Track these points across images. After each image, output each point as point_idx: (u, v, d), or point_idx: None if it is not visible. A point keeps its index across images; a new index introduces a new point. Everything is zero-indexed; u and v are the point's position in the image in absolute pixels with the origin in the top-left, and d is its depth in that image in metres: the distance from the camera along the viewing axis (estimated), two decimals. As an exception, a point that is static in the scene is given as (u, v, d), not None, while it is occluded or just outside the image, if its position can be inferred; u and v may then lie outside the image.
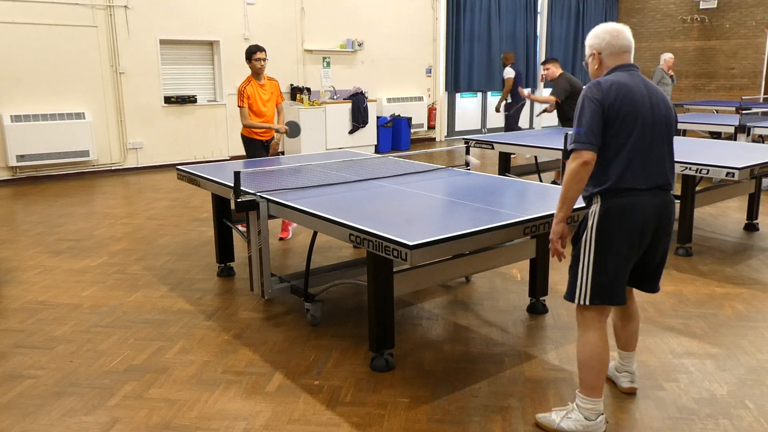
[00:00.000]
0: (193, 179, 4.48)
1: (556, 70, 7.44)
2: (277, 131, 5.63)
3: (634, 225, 2.49)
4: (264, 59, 5.58)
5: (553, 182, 6.65)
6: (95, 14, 8.88)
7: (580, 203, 3.29)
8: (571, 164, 2.46)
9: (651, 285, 2.72)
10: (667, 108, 2.58)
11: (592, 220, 2.54)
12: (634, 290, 2.87)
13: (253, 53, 5.57)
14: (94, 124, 8.95)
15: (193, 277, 4.69)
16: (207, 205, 6.92)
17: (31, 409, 2.88)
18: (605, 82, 2.49)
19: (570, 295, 2.64)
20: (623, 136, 2.47)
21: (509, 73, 10.05)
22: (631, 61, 2.63)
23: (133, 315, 3.97)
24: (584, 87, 2.59)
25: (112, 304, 4.16)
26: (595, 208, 2.53)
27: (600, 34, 2.62)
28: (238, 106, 5.58)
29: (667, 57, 10.32)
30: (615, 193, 2.49)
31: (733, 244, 5.41)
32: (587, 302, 2.56)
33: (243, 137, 5.76)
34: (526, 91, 8.42)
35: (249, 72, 5.67)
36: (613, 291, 2.54)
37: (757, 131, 7.57)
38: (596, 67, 2.65)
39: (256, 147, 5.70)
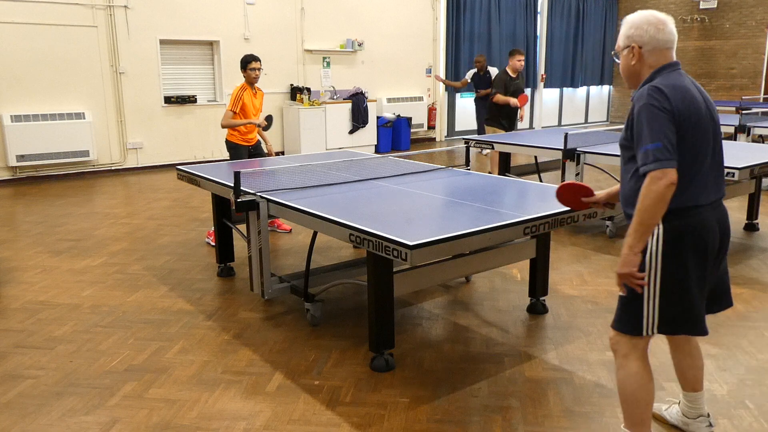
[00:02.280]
0: (193, 179, 4.48)
1: (520, 63, 7.80)
2: (258, 125, 5.60)
3: (705, 245, 2.21)
4: (259, 69, 5.59)
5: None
6: (95, 14, 8.88)
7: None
8: (654, 186, 2.07)
9: (725, 301, 2.43)
10: (715, 111, 2.32)
11: (656, 244, 2.19)
12: None
13: (248, 62, 5.56)
14: (94, 124, 8.95)
15: (193, 277, 4.69)
16: (207, 205, 6.92)
17: (31, 409, 2.88)
18: (667, 88, 2.16)
19: (633, 328, 2.28)
20: (690, 148, 2.17)
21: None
22: (674, 57, 2.31)
23: (133, 315, 3.97)
24: (636, 96, 2.23)
25: (112, 304, 4.16)
26: (657, 230, 2.19)
27: (642, 24, 2.26)
28: (230, 110, 5.53)
29: None
30: (682, 212, 2.19)
31: (733, 244, 5.41)
32: (654, 331, 2.26)
33: (228, 143, 5.69)
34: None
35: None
36: (693, 319, 2.25)
37: (757, 131, 7.57)
38: (633, 62, 2.29)
39: (242, 154, 5.67)
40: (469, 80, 10.51)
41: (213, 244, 5.38)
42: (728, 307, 2.43)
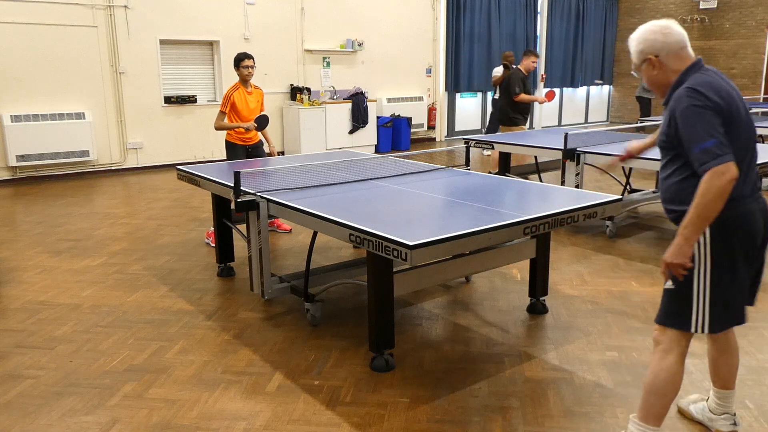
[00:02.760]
0: (193, 179, 4.48)
1: (533, 64, 7.82)
2: (247, 129, 5.54)
3: (751, 236, 2.25)
4: (252, 67, 5.55)
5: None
6: (95, 14, 8.88)
7: (593, 200, 3.29)
8: (717, 181, 2.08)
9: (750, 299, 2.43)
10: (746, 105, 2.34)
11: (705, 237, 2.22)
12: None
13: (241, 60, 5.53)
14: (94, 124, 8.95)
15: (193, 277, 4.69)
16: (207, 205, 6.92)
17: (31, 409, 2.88)
18: (702, 86, 2.17)
19: (681, 323, 2.29)
20: (735, 140, 2.19)
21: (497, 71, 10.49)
22: (692, 54, 2.33)
23: (133, 315, 3.97)
24: (674, 98, 2.25)
25: (112, 304, 4.16)
26: None
27: (648, 37, 2.31)
28: (220, 110, 5.51)
29: None
30: (729, 203, 2.17)
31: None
32: (707, 329, 2.27)
33: (226, 142, 5.68)
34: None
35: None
36: (737, 311, 2.30)
37: (758, 131, 7.57)
38: (656, 72, 2.32)
39: (238, 153, 5.65)
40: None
41: (213, 244, 5.38)
42: (751, 305, 2.42)
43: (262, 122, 5.59)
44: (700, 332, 2.27)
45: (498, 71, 10.49)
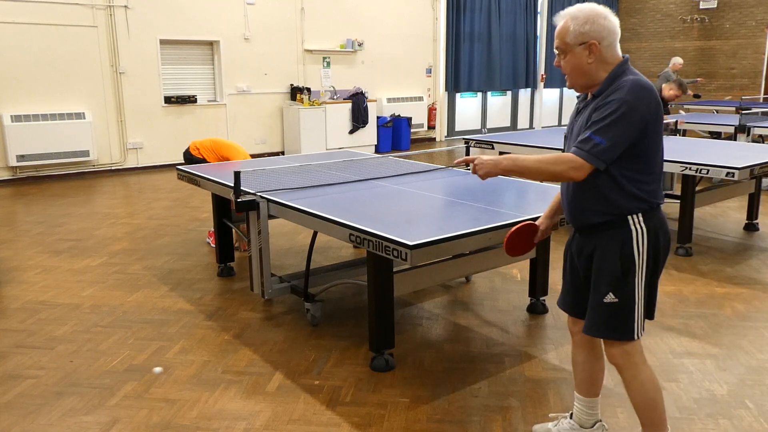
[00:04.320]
0: (193, 179, 4.48)
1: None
2: None
3: (668, 240, 2.23)
4: None
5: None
6: (95, 14, 8.88)
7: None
8: (568, 171, 2.07)
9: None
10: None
11: (641, 243, 2.15)
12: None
13: None
14: (94, 124, 8.95)
15: (193, 277, 4.69)
16: (207, 205, 6.92)
17: (31, 409, 2.88)
18: (648, 88, 2.07)
19: (625, 333, 2.21)
20: (659, 145, 2.14)
21: None
22: None
23: (133, 315, 3.97)
24: (614, 88, 2.11)
25: (112, 304, 4.16)
26: (639, 228, 2.15)
27: (594, 18, 2.10)
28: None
29: (677, 61, 10.48)
30: (655, 210, 2.17)
31: (733, 244, 5.41)
32: (641, 334, 2.23)
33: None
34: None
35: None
36: (653, 308, 2.29)
37: (757, 131, 7.57)
38: (590, 60, 2.14)
39: None
40: None
41: (213, 244, 5.38)
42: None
43: None
44: (637, 338, 2.22)
45: None
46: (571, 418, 2.58)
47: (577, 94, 2.33)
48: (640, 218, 2.15)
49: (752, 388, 3.02)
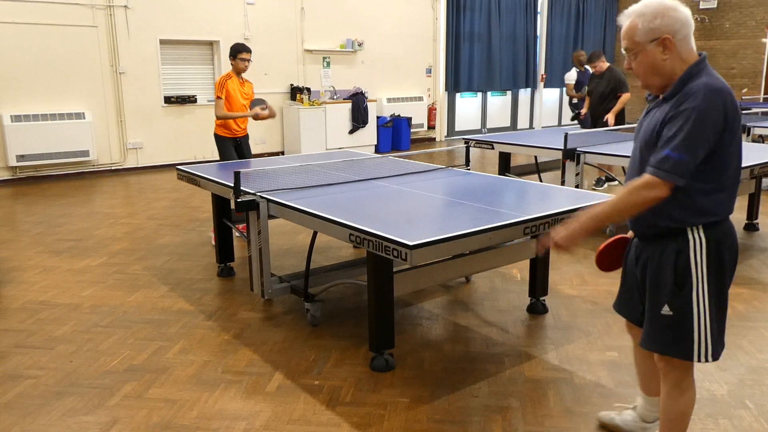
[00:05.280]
0: (193, 179, 4.48)
1: (604, 64, 7.19)
2: (256, 117, 5.54)
3: (736, 252, 2.11)
4: (249, 60, 5.51)
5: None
6: (95, 14, 8.88)
7: (593, 200, 3.29)
8: (647, 192, 1.97)
9: None
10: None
11: (700, 256, 2.04)
12: None
13: (239, 51, 5.47)
14: (94, 124, 8.95)
15: (193, 277, 4.69)
16: (207, 205, 6.91)
17: (31, 409, 2.88)
18: (725, 92, 1.94)
19: (683, 351, 2.09)
20: (736, 157, 2.02)
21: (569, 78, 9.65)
22: None
23: (133, 315, 3.97)
24: (687, 91, 1.98)
25: (112, 304, 4.16)
26: (699, 240, 2.04)
27: (663, 11, 1.98)
28: (217, 97, 5.44)
29: None
30: (722, 223, 2.05)
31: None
32: (710, 358, 2.07)
33: (216, 137, 5.65)
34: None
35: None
36: (724, 330, 2.15)
37: (757, 131, 7.57)
38: (665, 57, 2.01)
39: (228, 146, 5.60)
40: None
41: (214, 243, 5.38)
42: None
43: (261, 104, 5.60)
44: (704, 361, 2.07)
45: (572, 77, 9.52)
46: (634, 410, 2.61)
47: (648, 94, 2.21)
48: (701, 229, 2.04)
49: (752, 388, 3.01)
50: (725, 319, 2.14)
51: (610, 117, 7.12)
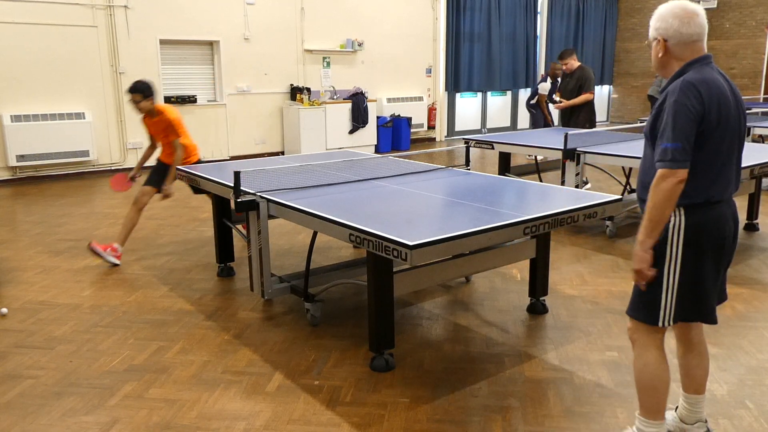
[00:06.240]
0: (193, 179, 4.48)
1: (575, 63, 7.26)
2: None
3: (721, 239, 2.27)
4: (136, 102, 4.87)
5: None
6: (95, 14, 8.88)
7: (593, 200, 3.29)
8: (664, 184, 2.14)
9: (723, 294, 2.44)
10: (744, 109, 2.31)
11: (677, 237, 2.23)
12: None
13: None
14: (94, 124, 8.95)
15: (193, 277, 4.69)
16: (207, 205, 6.92)
17: (31, 409, 2.88)
18: (700, 84, 2.14)
19: (649, 317, 2.32)
20: (716, 145, 2.19)
21: (543, 89, 9.77)
22: (705, 49, 2.28)
23: (133, 315, 3.97)
24: (670, 89, 2.22)
25: (112, 304, 4.16)
26: (678, 221, 2.23)
27: (666, 17, 2.24)
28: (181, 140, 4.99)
29: None
30: (704, 206, 2.22)
31: (733, 244, 5.40)
32: (671, 322, 2.29)
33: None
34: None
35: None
36: (707, 310, 2.30)
37: (757, 131, 7.57)
38: (660, 55, 2.28)
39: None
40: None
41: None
42: (724, 301, 2.45)
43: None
44: (667, 325, 2.30)
45: (546, 87, 9.68)
46: (675, 411, 2.64)
47: (648, 94, 2.50)
48: (681, 211, 2.22)
49: (752, 388, 3.01)
50: (706, 294, 2.29)
51: (561, 101, 7.28)
